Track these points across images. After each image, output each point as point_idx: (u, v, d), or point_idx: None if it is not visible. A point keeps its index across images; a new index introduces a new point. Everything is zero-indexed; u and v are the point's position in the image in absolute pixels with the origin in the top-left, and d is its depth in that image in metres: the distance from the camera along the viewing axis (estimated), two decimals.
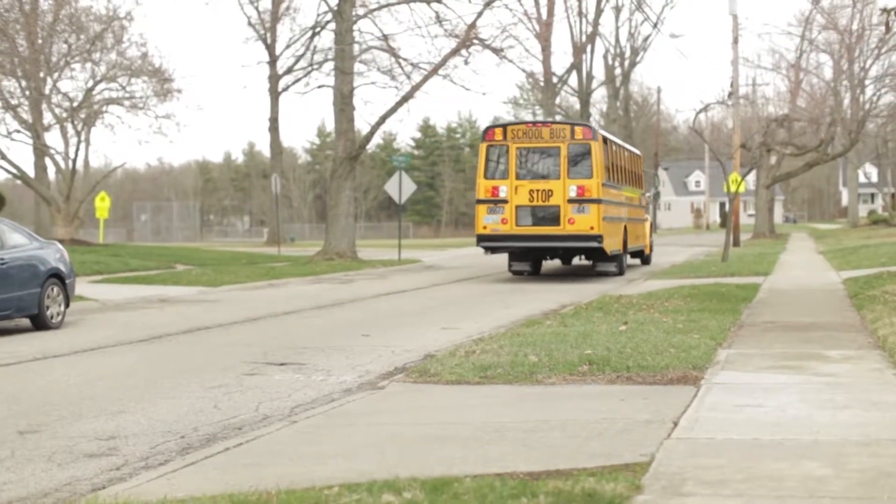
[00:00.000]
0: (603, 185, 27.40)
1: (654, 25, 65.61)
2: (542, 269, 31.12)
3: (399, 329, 16.71)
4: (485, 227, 27.62)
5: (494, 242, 28.09)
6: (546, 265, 31.59)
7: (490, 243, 28.16)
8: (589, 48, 64.64)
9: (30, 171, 44.70)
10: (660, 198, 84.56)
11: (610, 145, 29.79)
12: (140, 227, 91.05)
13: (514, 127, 28.30)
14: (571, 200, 27.01)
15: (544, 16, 54.70)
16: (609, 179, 28.52)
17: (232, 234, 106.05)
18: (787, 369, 10.75)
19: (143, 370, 12.68)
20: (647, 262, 35.71)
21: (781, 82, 71.94)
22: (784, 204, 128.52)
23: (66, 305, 18.51)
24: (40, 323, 17.66)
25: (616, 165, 30.25)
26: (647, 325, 14.19)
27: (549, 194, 27.14)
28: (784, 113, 57.66)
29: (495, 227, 27.42)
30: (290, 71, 59.13)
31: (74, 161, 42.86)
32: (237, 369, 12.48)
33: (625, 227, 30.39)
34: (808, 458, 6.83)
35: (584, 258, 30.93)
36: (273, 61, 60.32)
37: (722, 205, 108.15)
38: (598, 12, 63.58)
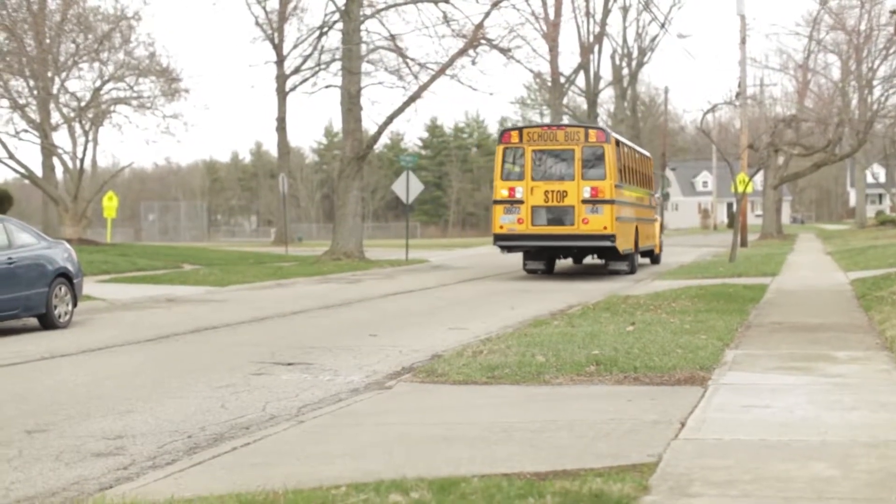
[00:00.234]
0: (616, 187, 28.17)
1: (662, 26, 65.47)
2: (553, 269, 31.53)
3: (406, 329, 16.72)
4: (501, 227, 28.42)
5: (511, 241, 28.86)
6: (557, 264, 32.01)
7: (506, 242, 28.91)
8: (596, 48, 64.57)
9: (38, 171, 44.75)
10: (669, 198, 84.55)
11: (622, 147, 30.45)
12: (148, 227, 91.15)
13: (529, 130, 29.13)
14: (585, 201, 27.80)
15: (552, 16, 54.64)
16: (621, 181, 29.21)
17: (239, 234, 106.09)
18: (795, 370, 10.74)
19: (151, 370, 12.70)
20: (657, 261, 36.40)
21: (789, 83, 71.80)
22: (792, 204, 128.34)
23: (74, 305, 18.53)
24: (48, 322, 17.69)
25: (628, 167, 30.92)
26: (654, 326, 14.18)
27: (564, 195, 27.92)
28: (792, 113, 57.63)
29: (512, 226, 28.24)
30: (297, 71, 59.15)
31: (82, 161, 42.94)
32: (244, 369, 12.49)
33: (636, 227, 31.13)
34: (816, 459, 6.82)
35: (597, 257, 31.61)
36: (280, 61, 60.35)
37: (729, 205, 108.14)
38: (606, 12, 63.51)
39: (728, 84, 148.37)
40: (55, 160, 44.22)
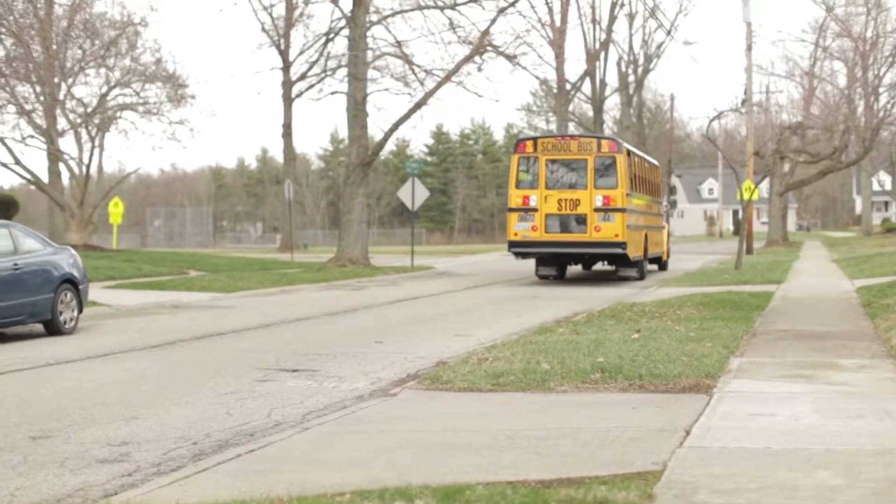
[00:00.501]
0: (627, 195, 29.07)
1: (668, 32, 65.38)
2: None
3: (411, 336, 16.71)
4: (516, 234, 29.47)
5: (525, 248, 29.87)
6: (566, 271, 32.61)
7: (521, 249, 29.95)
8: (602, 55, 64.55)
9: (44, 177, 44.75)
10: (676, 206, 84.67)
11: (632, 157, 31.32)
12: (153, 233, 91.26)
13: (543, 140, 30.35)
14: (598, 209, 28.81)
15: (558, 23, 54.60)
16: (632, 189, 30.08)
17: (245, 240, 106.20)
18: (800, 378, 10.72)
19: (156, 376, 12.70)
20: (665, 267, 37.25)
21: (795, 90, 71.94)
22: (797, 212, 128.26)
23: (80, 311, 18.54)
24: (53, 328, 17.70)
25: (638, 176, 31.76)
26: (659, 334, 14.17)
27: (577, 203, 28.93)
28: (798, 120, 57.59)
29: (526, 233, 29.28)
30: (303, 77, 59.18)
31: (88, 166, 42.93)
32: (249, 375, 12.49)
33: (645, 235, 32.08)
34: (821, 468, 6.81)
35: (607, 263, 32.37)
36: (286, 67, 60.38)
37: (735, 212, 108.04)
38: (612, 19, 63.46)
39: (734, 91, 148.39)
40: (61, 166, 44.22)
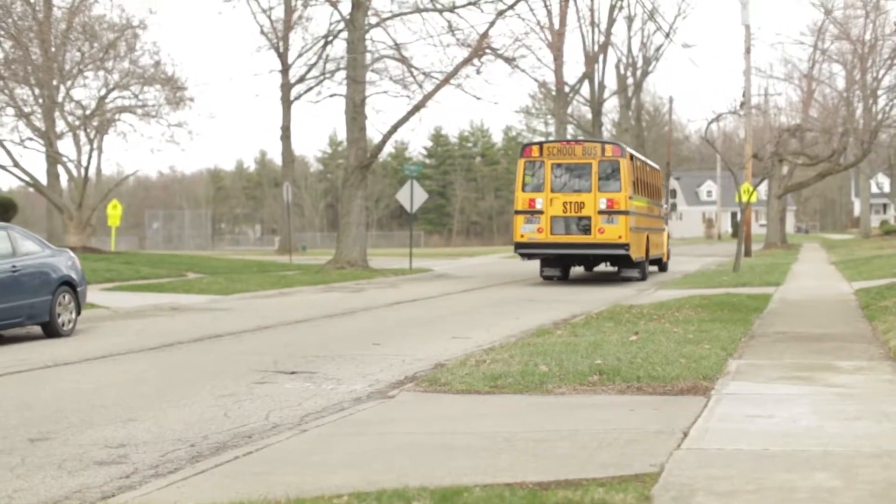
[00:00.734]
0: (629, 198, 29.86)
1: (667, 35, 65.29)
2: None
3: (409, 338, 16.71)
4: (522, 236, 30.29)
5: (531, 250, 30.71)
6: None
7: (527, 250, 30.80)
8: (601, 58, 64.53)
9: (42, 179, 44.74)
10: (675, 209, 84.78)
11: (635, 161, 32.08)
12: (152, 235, 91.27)
13: (549, 145, 31.33)
14: (602, 212, 29.66)
15: (556, 25, 54.57)
16: (634, 193, 30.81)
17: (243, 243, 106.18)
18: (798, 380, 10.73)
19: (154, 378, 12.70)
20: (665, 269, 37.93)
21: (794, 92, 71.73)
22: (796, 214, 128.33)
23: (78, 313, 18.55)
24: (51, 330, 17.70)
25: (640, 180, 32.48)
26: (657, 336, 14.17)
27: (582, 206, 29.81)
28: (796, 123, 57.59)
29: (532, 235, 30.09)
30: (302, 80, 59.13)
31: (87, 169, 42.93)
32: (248, 378, 12.49)
33: (647, 237, 32.80)
34: (818, 470, 6.81)
35: (610, 265, 33.13)
36: (285, 70, 60.35)
37: (734, 215, 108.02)
38: (611, 22, 63.48)
39: (732, 93, 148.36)
40: (60, 168, 44.21)
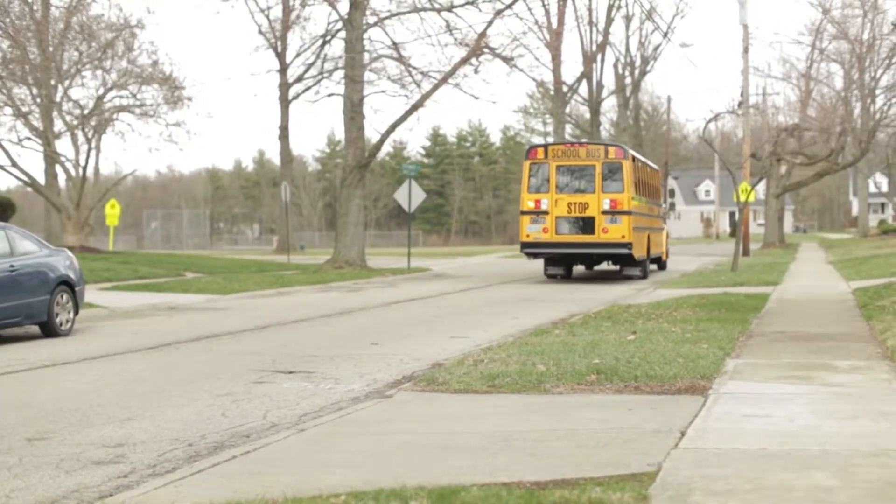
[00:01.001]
0: (632, 199, 30.62)
1: (665, 35, 65.26)
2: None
3: (408, 338, 16.71)
4: (528, 236, 31.11)
5: (537, 249, 31.52)
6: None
7: (533, 250, 31.59)
8: (599, 57, 64.50)
9: (40, 179, 44.74)
10: (674, 208, 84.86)
11: (637, 163, 32.76)
12: (150, 235, 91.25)
13: (553, 147, 32.05)
14: (605, 212, 30.49)
15: (554, 25, 54.58)
16: (636, 193, 31.56)
17: (242, 242, 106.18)
18: (796, 379, 10.73)
19: (152, 378, 12.70)
20: (664, 267, 38.56)
21: (792, 92, 71.78)
22: (794, 213, 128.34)
23: (76, 312, 18.55)
24: (49, 330, 17.70)
25: (641, 180, 33.19)
26: (655, 335, 14.18)
27: (586, 206, 30.58)
28: (794, 122, 57.60)
29: (537, 235, 30.88)
30: (300, 79, 59.16)
31: (85, 168, 42.95)
32: (245, 377, 12.49)
33: (648, 236, 33.53)
34: (816, 469, 6.82)
35: (612, 263, 33.72)
36: (283, 69, 60.34)
37: (732, 214, 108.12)
38: (609, 22, 63.45)
39: (731, 93, 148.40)
40: (58, 168, 44.21)
